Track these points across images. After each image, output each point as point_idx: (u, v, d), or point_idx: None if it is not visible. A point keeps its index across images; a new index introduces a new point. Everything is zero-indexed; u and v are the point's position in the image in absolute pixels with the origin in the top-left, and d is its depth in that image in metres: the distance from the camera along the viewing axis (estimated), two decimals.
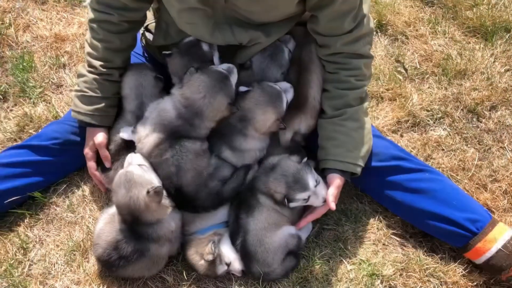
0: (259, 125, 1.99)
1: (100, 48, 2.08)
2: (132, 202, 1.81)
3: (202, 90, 1.90)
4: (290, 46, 2.14)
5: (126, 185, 1.82)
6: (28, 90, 2.66)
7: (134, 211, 1.83)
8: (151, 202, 1.82)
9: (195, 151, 1.95)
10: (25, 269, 2.07)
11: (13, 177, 2.14)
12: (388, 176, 2.10)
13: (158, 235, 1.89)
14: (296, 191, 1.91)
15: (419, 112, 2.53)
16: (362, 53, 2.02)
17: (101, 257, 1.94)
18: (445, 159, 2.39)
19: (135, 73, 2.17)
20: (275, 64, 2.10)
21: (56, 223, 2.22)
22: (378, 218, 2.22)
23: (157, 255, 1.94)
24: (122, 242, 1.89)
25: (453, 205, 2.01)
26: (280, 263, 1.98)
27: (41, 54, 2.84)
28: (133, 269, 1.94)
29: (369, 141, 2.05)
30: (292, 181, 1.92)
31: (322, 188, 1.97)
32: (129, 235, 1.89)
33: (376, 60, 2.74)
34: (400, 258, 2.10)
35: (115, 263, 1.90)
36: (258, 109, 1.97)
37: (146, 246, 1.90)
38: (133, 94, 2.15)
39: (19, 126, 2.50)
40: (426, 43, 2.85)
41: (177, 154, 1.92)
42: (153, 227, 1.88)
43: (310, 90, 2.09)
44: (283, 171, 1.95)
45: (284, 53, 2.11)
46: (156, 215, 1.87)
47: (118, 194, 1.85)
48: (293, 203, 1.95)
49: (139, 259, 1.90)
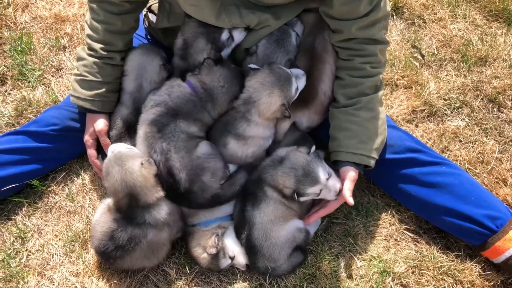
0: (263, 108, 1.87)
1: (101, 30, 1.97)
2: (128, 175, 1.76)
3: (222, 80, 1.94)
4: (298, 30, 2.00)
5: (118, 162, 1.78)
6: (27, 73, 2.56)
7: (132, 189, 1.76)
8: (148, 174, 1.78)
9: (188, 133, 1.87)
10: (23, 260, 2.00)
11: (11, 164, 2.06)
12: (402, 169, 1.99)
13: (156, 219, 1.81)
14: (306, 185, 1.81)
15: (436, 101, 2.40)
16: (377, 38, 1.89)
17: (98, 249, 1.87)
18: (463, 152, 2.27)
19: (143, 53, 2.06)
20: (281, 50, 1.97)
21: (55, 212, 2.14)
22: (390, 212, 2.12)
23: (156, 242, 1.86)
24: (118, 231, 1.82)
25: (472, 201, 1.90)
26: (286, 258, 1.89)
27: (40, 35, 2.73)
28: (132, 259, 1.86)
29: (383, 132, 1.94)
30: (302, 174, 1.81)
31: (335, 181, 1.86)
32: (125, 223, 1.82)
33: (391, 46, 2.60)
34: (413, 255, 2.00)
35: (112, 254, 1.83)
36: (264, 90, 1.86)
37: (144, 232, 1.82)
38: (133, 73, 2.05)
39: (17, 111, 2.41)
40: (445, 28, 2.69)
41: (170, 133, 1.85)
42: (150, 211, 1.81)
43: (322, 84, 1.97)
44: (292, 164, 1.84)
45: (291, 37, 1.98)
46: (153, 193, 1.80)
47: (112, 174, 1.79)
48: (304, 197, 1.85)
49: (136, 247, 1.82)
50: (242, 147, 1.95)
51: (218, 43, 1.95)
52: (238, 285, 1.94)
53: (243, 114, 1.90)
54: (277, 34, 1.96)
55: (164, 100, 1.90)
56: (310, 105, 2.01)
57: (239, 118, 1.91)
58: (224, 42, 1.97)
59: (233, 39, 1.98)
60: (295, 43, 1.99)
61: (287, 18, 1.92)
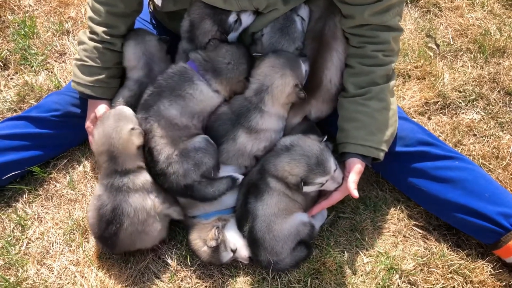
0: (278, 91, 1.81)
1: (103, 12, 1.91)
2: (115, 133, 1.77)
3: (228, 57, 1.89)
4: (303, 14, 1.92)
5: (116, 117, 1.81)
6: (30, 58, 2.51)
7: (111, 147, 1.78)
8: (131, 142, 1.78)
9: (184, 105, 1.82)
10: (23, 247, 1.97)
11: (11, 150, 2.03)
12: (413, 163, 1.91)
13: (134, 184, 1.79)
14: (317, 175, 1.75)
15: (450, 92, 2.31)
16: (391, 25, 1.80)
17: (96, 235, 1.85)
18: (477, 146, 2.18)
19: (137, 41, 2.00)
20: (286, 38, 1.89)
21: (55, 200, 2.10)
22: (399, 207, 2.04)
23: (141, 210, 1.80)
24: (103, 207, 1.80)
25: (485, 198, 1.82)
26: (290, 252, 1.83)
27: (44, 19, 2.68)
28: (125, 234, 1.80)
29: (394, 124, 1.86)
30: (315, 163, 1.74)
31: (339, 173, 1.82)
32: (108, 195, 1.80)
33: (405, 35, 2.51)
34: (421, 252, 1.93)
35: (106, 234, 1.80)
36: (276, 73, 1.81)
37: (125, 197, 1.78)
38: (141, 63, 2.01)
39: (19, 96, 2.37)
40: (461, 16, 2.59)
41: (169, 97, 1.82)
42: (128, 176, 1.80)
43: (326, 71, 1.90)
44: (304, 151, 1.77)
45: (296, 23, 1.90)
46: (133, 160, 1.81)
47: (103, 124, 1.81)
48: (309, 186, 1.78)
49: (123, 217, 1.78)
50: (253, 141, 1.88)
51: (225, 25, 1.88)
52: (240, 278, 1.88)
53: (256, 104, 1.84)
54: (281, 22, 1.89)
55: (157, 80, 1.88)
56: (316, 94, 1.94)
57: (252, 109, 1.85)
58: (232, 25, 1.90)
59: (241, 23, 1.91)
60: (300, 28, 1.91)
61: (296, 2, 1.84)
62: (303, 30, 1.92)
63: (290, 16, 1.89)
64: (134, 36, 2.03)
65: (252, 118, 1.85)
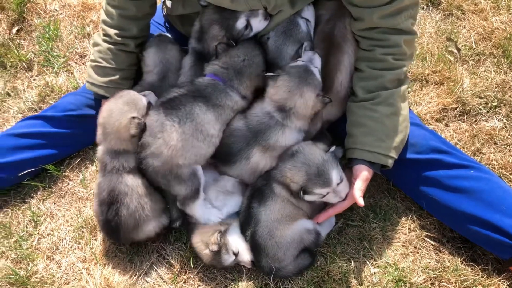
0: (302, 110, 1.78)
1: (115, 15, 1.95)
2: (116, 114, 1.81)
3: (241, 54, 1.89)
4: (307, 15, 1.88)
5: (127, 100, 1.84)
6: (52, 59, 2.60)
7: (106, 126, 1.83)
8: (125, 129, 1.79)
9: (202, 121, 1.78)
10: (34, 242, 2.03)
11: (28, 148, 2.10)
12: (425, 171, 1.84)
13: (125, 166, 1.84)
14: (316, 185, 1.70)
15: (470, 99, 2.20)
16: (403, 28, 1.74)
17: (102, 223, 1.88)
18: (497, 155, 2.06)
19: (159, 48, 2.05)
20: (290, 40, 1.87)
21: (68, 197, 2.16)
22: (411, 217, 1.96)
23: (138, 186, 1.84)
24: (101, 192, 1.85)
25: (502, 210, 1.72)
26: (292, 259, 1.80)
27: (67, 23, 2.77)
28: (128, 212, 1.82)
29: (404, 130, 1.79)
30: (315, 173, 1.70)
31: (344, 187, 1.76)
32: (104, 180, 1.85)
33: (424, 38, 2.42)
34: (433, 265, 1.84)
35: (110, 215, 1.83)
36: (294, 95, 1.77)
37: (120, 180, 1.83)
38: (156, 69, 2.05)
39: (40, 96, 2.46)
40: (485, 20, 2.47)
41: (206, 103, 1.80)
42: (118, 158, 1.84)
43: (339, 73, 1.86)
44: (306, 159, 1.73)
45: (300, 26, 1.87)
46: (124, 145, 1.84)
47: (114, 101, 1.85)
48: (309, 196, 1.74)
49: (120, 197, 1.82)
50: (266, 158, 1.84)
51: (233, 30, 1.87)
52: (242, 283, 1.86)
53: (278, 121, 1.80)
54: (284, 26, 1.87)
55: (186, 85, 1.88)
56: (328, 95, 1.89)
57: (273, 125, 1.81)
58: (241, 31, 1.88)
59: (251, 28, 1.89)
60: (305, 29, 1.87)
61: (303, 4, 1.81)
62: (309, 30, 1.89)
63: (294, 19, 1.86)
64: (157, 42, 2.07)
65: (272, 136, 1.80)
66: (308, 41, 1.87)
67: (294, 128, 1.83)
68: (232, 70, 1.87)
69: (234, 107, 1.87)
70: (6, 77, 2.58)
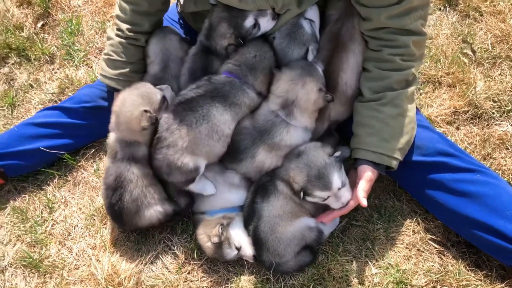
0: (304, 101, 1.79)
1: (128, 10, 2.01)
2: (130, 105, 1.85)
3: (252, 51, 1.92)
4: (311, 15, 1.88)
5: (142, 93, 1.88)
6: (73, 53, 2.69)
7: (121, 114, 1.87)
8: (136, 122, 1.83)
9: (218, 121, 1.81)
10: (48, 228, 2.12)
11: (45, 137, 2.19)
12: (431, 173, 1.82)
13: (135, 156, 1.90)
14: (316, 188, 1.72)
15: (483, 102, 2.16)
16: (411, 28, 1.73)
17: (106, 206, 1.95)
18: (508, 160, 2.02)
19: (159, 37, 2.09)
20: (295, 42, 1.88)
21: (82, 186, 2.24)
22: (416, 219, 1.95)
23: (144, 176, 1.91)
24: (108, 176, 1.93)
25: (507, 216, 1.69)
26: (293, 256, 1.82)
27: (89, 18, 2.86)
28: (129, 201, 1.89)
29: (410, 131, 1.78)
30: (315, 175, 1.71)
31: (346, 192, 1.76)
32: (113, 166, 1.92)
33: (439, 39, 2.38)
34: (436, 268, 1.83)
35: (113, 200, 1.90)
36: (296, 85, 1.79)
37: (127, 167, 1.89)
38: (157, 59, 2.09)
39: (60, 88, 2.55)
40: (503, 22, 2.41)
41: (223, 104, 1.83)
42: (129, 148, 1.90)
43: (342, 73, 1.86)
44: (309, 161, 1.74)
45: (303, 28, 1.87)
46: (133, 136, 1.89)
47: (129, 92, 1.90)
48: (310, 197, 1.76)
49: (125, 184, 1.88)
50: (272, 158, 1.86)
51: (241, 29, 1.90)
52: (244, 277, 1.90)
53: (284, 119, 1.82)
54: (288, 28, 1.88)
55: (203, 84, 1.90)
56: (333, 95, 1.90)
57: (278, 124, 1.83)
58: (249, 30, 1.91)
59: (259, 28, 1.92)
60: (310, 31, 1.88)
61: (309, 3, 1.82)
62: (314, 32, 1.89)
63: (297, 21, 1.87)
64: (158, 33, 2.12)
65: (277, 134, 1.82)
66: (314, 43, 1.88)
67: (299, 126, 1.84)
68: (245, 66, 1.90)
69: (251, 104, 1.89)
70: (30, 69, 2.69)
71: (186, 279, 1.92)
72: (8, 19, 2.84)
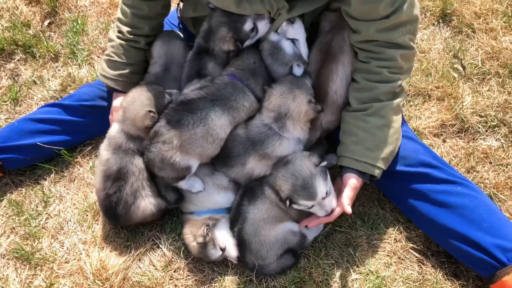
0: (296, 113, 1.85)
1: (129, 13, 2.08)
2: (137, 105, 1.95)
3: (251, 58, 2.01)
4: (294, 34, 1.92)
5: (151, 98, 1.97)
6: (77, 52, 2.77)
7: (128, 111, 1.97)
8: (141, 120, 1.92)
9: (214, 125, 1.87)
10: (42, 221, 2.18)
11: (44, 133, 2.25)
12: (413, 184, 1.87)
13: (139, 149, 1.98)
14: (301, 197, 1.77)
15: (469, 116, 2.21)
16: (399, 42, 1.78)
17: (101, 198, 1.99)
18: (491, 174, 2.07)
19: (164, 41, 2.16)
20: (277, 63, 1.95)
21: (77, 182, 2.30)
22: (398, 228, 2.00)
23: (143, 171, 1.97)
24: (110, 167, 1.97)
25: (484, 228, 1.74)
26: (276, 258, 1.87)
27: (94, 18, 2.94)
28: (129, 192, 1.95)
29: (395, 142, 1.83)
30: (300, 185, 1.76)
31: (331, 201, 1.81)
32: (115, 157, 1.97)
33: (431, 54, 2.44)
34: (414, 276, 1.88)
35: (111, 191, 1.96)
36: (287, 99, 1.85)
37: (131, 160, 1.96)
38: (160, 61, 2.15)
39: (62, 86, 2.63)
40: (495, 39, 2.47)
41: (222, 107, 1.89)
42: (134, 141, 1.98)
43: (331, 83, 1.92)
44: (295, 170, 1.79)
45: (283, 50, 1.93)
46: (137, 131, 1.97)
47: (140, 91, 1.99)
48: (295, 205, 1.81)
49: (129, 176, 1.95)
50: (261, 167, 1.92)
51: (240, 33, 1.96)
52: (228, 277, 1.95)
53: (277, 131, 1.88)
54: (269, 49, 1.95)
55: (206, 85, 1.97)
56: (324, 105, 1.94)
57: (271, 135, 1.88)
58: (248, 33, 1.97)
59: (257, 31, 1.98)
60: (291, 51, 1.93)
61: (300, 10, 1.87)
62: (296, 51, 1.93)
63: (277, 43, 1.93)
64: (164, 36, 2.19)
65: (269, 146, 1.87)
66: (298, 60, 1.93)
67: (291, 138, 1.89)
68: (248, 71, 1.97)
69: (250, 108, 1.95)
70: (35, 66, 2.77)
71: (172, 277, 1.97)
72: (17, 16, 2.93)
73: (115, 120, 2.05)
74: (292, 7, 1.85)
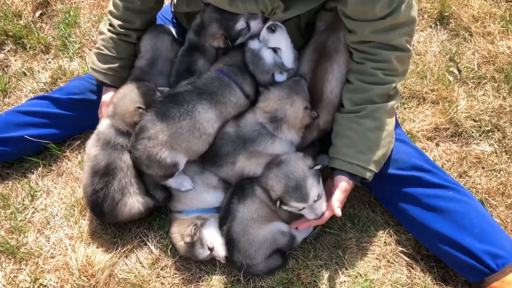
0: (292, 119, 1.83)
1: (121, 7, 2.05)
2: (128, 100, 1.94)
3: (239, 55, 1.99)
4: (276, 43, 1.89)
5: (141, 95, 1.95)
6: (68, 45, 2.73)
7: (119, 106, 1.96)
8: (131, 115, 1.91)
9: (201, 119, 1.84)
10: (28, 215, 2.15)
11: (32, 126, 2.22)
12: (404, 187, 1.86)
13: (127, 144, 1.96)
14: (292, 199, 1.74)
15: (463, 121, 2.20)
16: (395, 44, 1.76)
17: (88, 193, 1.96)
18: (483, 179, 2.06)
19: (152, 35, 2.12)
20: (258, 71, 1.93)
21: (65, 176, 2.27)
22: (388, 231, 1.98)
23: (131, 167, 1.95)
24: (98, 163, 1.94)
25: (474, 233, 1.73)
26: (264, 258, 1.85)
27: (87, 11, 2.90)
28: (116, 188, 1.92)
29: (387, 145, 1.81)
30: (293, 186, 1.74)
31: (322, 204, 1.79)
32: (103, 153, 1.95)
33: (427, 57, 2.42)
34: (403, 280, 1.86)
35: (98, 187, 1.93)
36: (285, 104, 1.83)
37: (120, 156, 1.94)
38: (147, 55, 2.12)
39: (52, 78, 2.59)
40: (492, 43, 2.45)
41: (210, 101, 1.87)
42: (123, 137, 1.96)
43: (327, 83, 1.89)
44: (289, 171, 1.76)
45: (263, 59, 1.91)
46: (123, 125, 1.96)
47: (132, 87, 1.98)
48: (286, 207, 1.79)
49: (117, 171, 1.92)
50: (251, 165, 1.89)
51: (231, 31, 1.94)
52: (216, 276, 1.93)
53: (271, 131, 1.86)
54: (250, 56, 1.94)
55: (193, 80, 1.96)
56: (319, 106, 1.93)
57: (265, 134, 1.86)
58: (240, 32, 1.95)
59: (249, 29, 1.95)
60: (271, 61, 1.91)
61: (296, 11, 1.85)
62: (277, 60, 1.91)
63: (257, 53, 1.91)
64: (152, 30, 2.15)
65: (261, 144, 1.85)
66: (279, 69, 1.92)
67: (284, 140, 1.87)
68: (236, 67, 1.95)
69: (237, 103, 1.93)
70: (25, 58, 2.72)
71: (159, 275, 1.95)
72: (8, 6, 2.88)
73: (105, 115, 2.02)
74: (288, 7, 1.82)
